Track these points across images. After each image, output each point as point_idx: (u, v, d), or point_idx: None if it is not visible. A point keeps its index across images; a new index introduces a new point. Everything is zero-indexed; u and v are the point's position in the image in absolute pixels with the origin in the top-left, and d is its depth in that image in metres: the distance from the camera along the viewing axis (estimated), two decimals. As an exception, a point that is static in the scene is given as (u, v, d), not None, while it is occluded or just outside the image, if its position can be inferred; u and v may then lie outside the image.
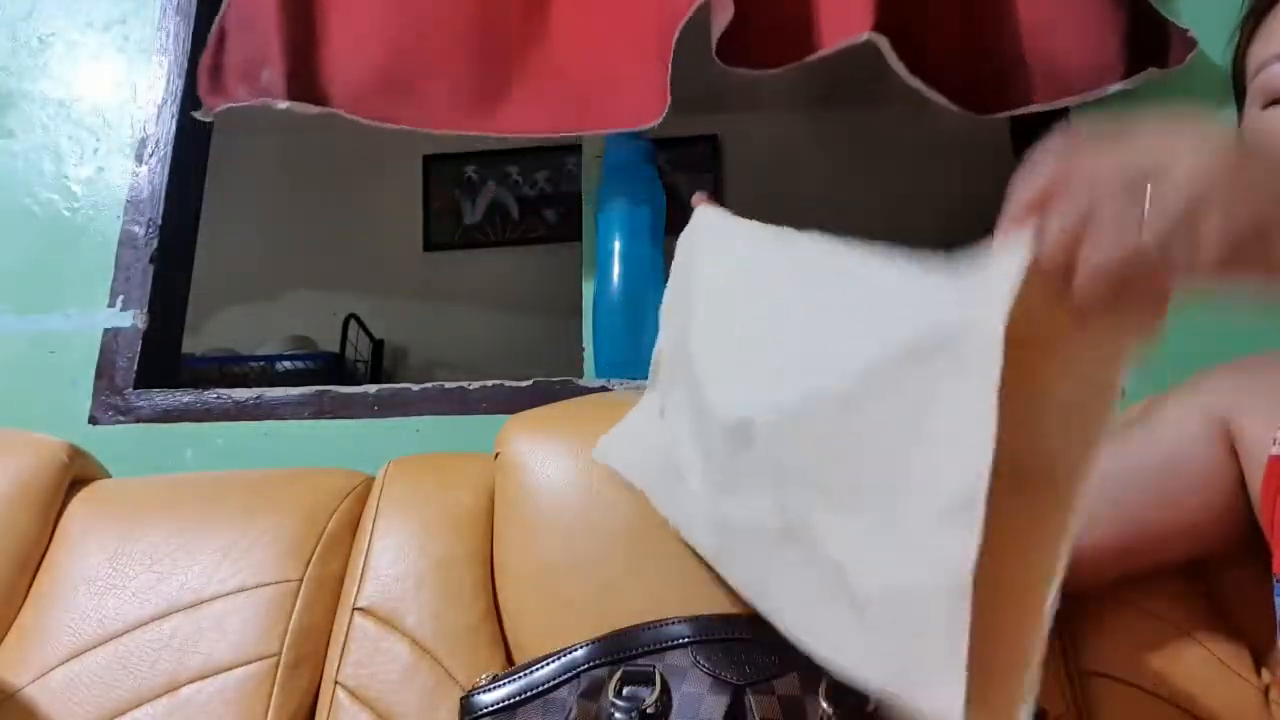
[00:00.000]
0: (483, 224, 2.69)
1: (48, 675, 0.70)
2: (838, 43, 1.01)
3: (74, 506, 0.81)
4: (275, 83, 1.11)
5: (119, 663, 0.70)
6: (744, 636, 0.57)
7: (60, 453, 0.83)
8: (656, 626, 0.59)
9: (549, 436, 0.78)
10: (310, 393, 1.06)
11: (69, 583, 0.75)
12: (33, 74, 1.26)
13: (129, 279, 1.13)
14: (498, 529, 0.77)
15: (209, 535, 0.76)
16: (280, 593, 0.73)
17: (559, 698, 0.57)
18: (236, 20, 1.17)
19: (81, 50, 1.26)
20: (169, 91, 1.23)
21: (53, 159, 1.21)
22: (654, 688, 0.54)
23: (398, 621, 0.71)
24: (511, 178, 2.72)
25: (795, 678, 0.55)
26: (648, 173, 1.14)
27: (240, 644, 0.70)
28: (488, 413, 1.03)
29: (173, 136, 1.20)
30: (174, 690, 0.68)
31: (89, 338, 1.11)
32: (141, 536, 0.77)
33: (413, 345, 2.62)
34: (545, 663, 0.58)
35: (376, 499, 0.79)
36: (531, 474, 0.76)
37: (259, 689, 0.69)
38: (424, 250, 2.69)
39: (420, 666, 0.69)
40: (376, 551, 0.75)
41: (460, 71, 1.11)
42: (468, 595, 0.73)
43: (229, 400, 1.06)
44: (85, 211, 1.17)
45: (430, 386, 1.05)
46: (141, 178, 1.18)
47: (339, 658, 0.71)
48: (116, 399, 1.07)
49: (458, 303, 2.61)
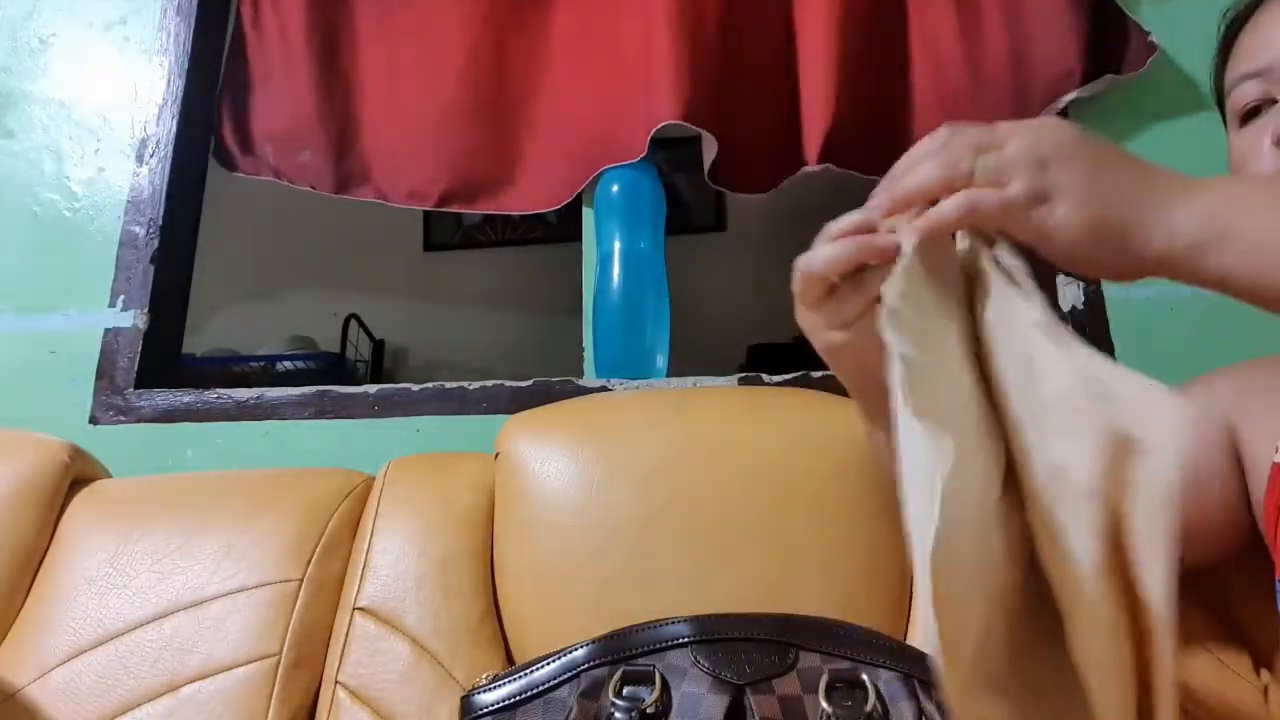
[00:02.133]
0: (483, 224, 2.69)
1: (48, 675, 0.70)
2: (787, 178, 1.14)
3: (74, 506, 0.81)
4: (319, 169, 1.20)
5: (119, 662, 0.70)
6: (744, 636, 0.57)
7: (61, 453, 0.83)
8: (656, 626, 0.59)
9: (549, 436, 0.78)
10: (310, 393, 1.06)
11: (69, 582, 0.75)
12: (33, 74, 1.26)
13: (129, 279, 1.13)
14: (498, 529, 0.77)
15: (209, 535, 0.77)
16: (280, 593, 0.73)
17: (559, 697, 0.57)
18: (261, 76, 1.25)
19: (82, 51, 1.26)
20: (169, 92, 1.23)
21: (53, 159, 1.21)
22: (654, 687, 0.54)
23: (398, 621, 0.71)
24: (512, 178, 2.72)
25: (795, 677, 0.55)
26: (648, 173, 1.14)
27: (240, 644, 0.70)
28: (488, 413, 1.03)
29: (173, 137, 1.20)
30: (174, 690, 0.68)
31: (89, 338, 1.11)
32: (142, 536, 0.77)
33: (413, 345, 2.62)
34: (545, 662, 0.58)
35: (377, 499, 0.79)
36: (531, 474, 0.76)
37: (259, 689, 0.69)
38: (424, 250, 2.69)
39: (420, 666, 0.69)
40: (376, 551, 0.75)
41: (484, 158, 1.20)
42: (468, 595, 0.73)
43: (229, 400, 1.06)
44: (86, 212, 1.18)
45: (430, 386, 1.05)
46: (142, 178, 1.18)
47: (339, 657, 0.71)
48: (117, 399, 1.07)
49: (458, 303, 2.61)
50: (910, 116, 1.14)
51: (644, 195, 1.13)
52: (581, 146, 1.16)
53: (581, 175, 1.15)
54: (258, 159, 1.22)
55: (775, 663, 0.56)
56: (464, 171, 1.19)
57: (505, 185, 1.19)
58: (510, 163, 1.19)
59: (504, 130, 1.19)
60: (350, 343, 2.40)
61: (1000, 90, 1.09)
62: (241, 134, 1.23)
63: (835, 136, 1.09)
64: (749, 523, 0.71)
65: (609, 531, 0.72)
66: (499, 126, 1.19)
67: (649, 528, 0.71)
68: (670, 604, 0.66)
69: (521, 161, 1.19)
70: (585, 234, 1.17)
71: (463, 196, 1.19)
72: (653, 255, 1.10)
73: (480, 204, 1.20)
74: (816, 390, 0.92)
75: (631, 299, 1.07)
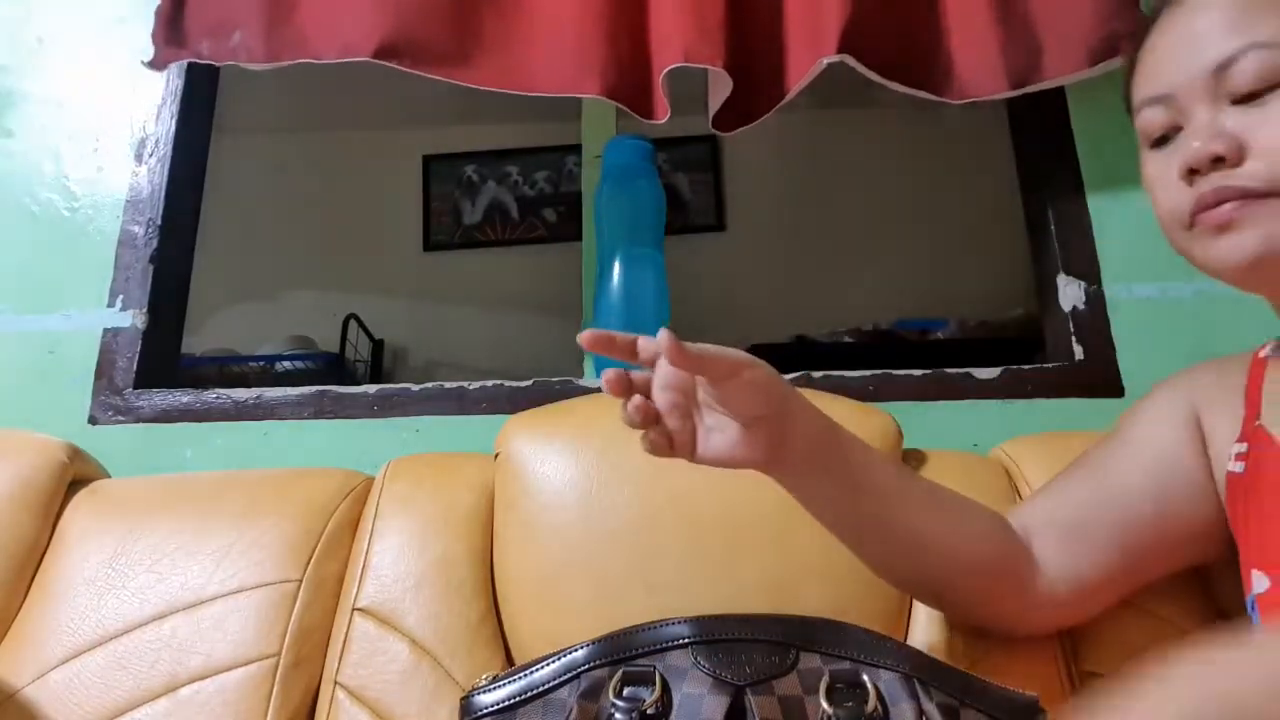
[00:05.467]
0: (482, 224, 2.69)
1: (47, 675, 0.69)
2: (806, 75, 1.03)
3: (74, 506, 0.81)
4: (250, 46, 1.10)
5: (118, 663, 0.70)
6: (744, 636, 0.57)
7: (60, 453, 0.83)
8: (656, 627, 0.58)
9: (549, 436, 0.78)
10: (310, 393, 1.06)
11: (68, 583, 0.75)
12: (33, 74, 1.25)
13: (129, 279, 1.13)
14: (497, 529, 0.77)
15: (209, 535, 0.76)
16: (280, 593, 0.73)
17: (559, 698, 0.56)
18: None
19: (81, 50, 1.26)
20: (169, 91, 1.23)
21: (52, 159, 1.21)
22: (654, 688, 0.54)
23: (398, 621, 0.71)
24: (511, 178, 2.72)
25: (796, 678, 0.55)
26: (648, 173, 1.14)
27: (240, 644, 0.70)
28: (488, 413, 1.03)
29: (172, 136, 1.20)
30: (173, 690, 0.68)
31: (89, 338, 1.11)
32: (141, 536, 0.77)
33: (413, 345, 2.61)
34: (545, 663, 0.58)
35: (376, 499, 0.79)
36: (531, 474, 0.76)
37: (259, 689, 0.69)
38: (424, 250, 2.69)
39: (420, 666, 0.69)
40: (376, 552, 0.75)
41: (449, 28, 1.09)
42: (467, 595, 0.73)
43: (229, 400, 1.06)
44: (85, 211, 1.17)
45: (430, 386, 1.05)
46: (141, 177, 1.18)
47: (339, 658, 0.71)
48: (116, 399, 1.07)
49: (458, 303, 2.61)
50: (941, 14, 1.07)
51: (644, 195, 1.12)
52: (572, 50, 1.07)
53: (565, 84, 1.07)
54: (182, 50, 1.14)
55: (776, 664, 0.55)
56: (408, 28, 1.07)
57: (464, 55, 1.08)
58: (473, 33, 1.09)
59: None
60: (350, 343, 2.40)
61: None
62: (176, 32, 1.15)
63: (855, 26, 1.00)
64: (749, 523, 0.71)
65: (609, 531, 0.71)
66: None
67: (649, 528, 0.71)
68: (670, 604, 0.65)
69: (480, 36, 1.09)
70: (585, 234, 1.17)
71: (407, 54, 1.07)
72: (653, 255, 1.10)
73: (428, 67, 1.07)
74: (816, 390, 0.91)
75: (631, 299, 1.07)
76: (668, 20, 1.07)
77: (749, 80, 1.07)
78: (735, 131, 1.09)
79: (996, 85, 1.03)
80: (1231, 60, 0.52)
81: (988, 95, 1.04)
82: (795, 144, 2.51)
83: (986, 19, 1.05)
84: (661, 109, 1.07)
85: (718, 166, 2.64)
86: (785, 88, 1.06)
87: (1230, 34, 0.52)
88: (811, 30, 1.04)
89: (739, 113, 1.08)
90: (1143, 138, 0.59)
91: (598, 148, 1.20)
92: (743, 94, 1.07)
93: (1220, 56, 0.52)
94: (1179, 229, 0.56)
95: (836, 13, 1.00)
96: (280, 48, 1.10)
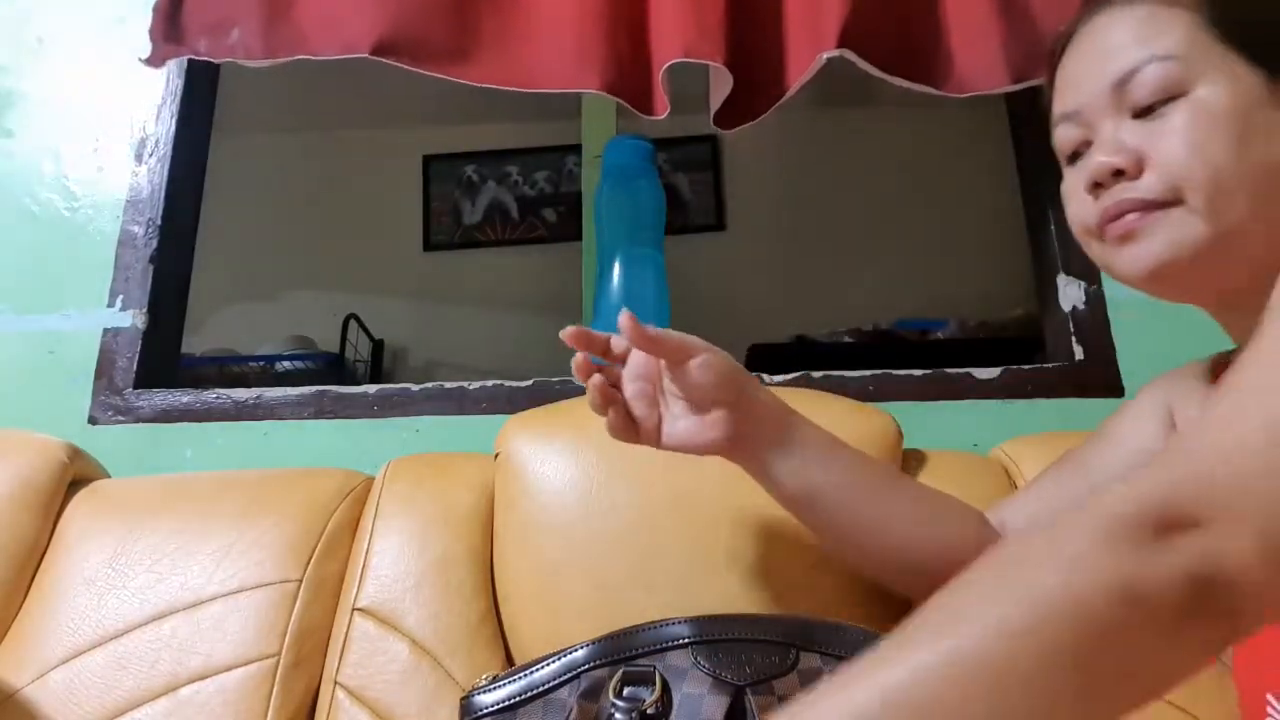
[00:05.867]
0: (482, 224, 2.69)
1: (47, 675, 0.69)
2: (806, 71, 1.03)
3: (74, 506, 0.81)
4: (248, 43, 1.09)
5: (118, 663, 0.70)
6: (744, 637, 0.57)
7: (60, 453, 0.83)
8: (656, 627, 0.58)
9: (549, 436, 0.78)
10: (310, 393, 1.06)
11: (68, 583, 0.75)
12: (33, 74, 1.26)
13: (129, 279, 1.13)
14: (497, 529, 0.77)
15: (209, 535, 0.76)
16: (280, 593, 0.73)
17: (559, 698, 0.57)
18: None
19: (81, 50, 1.26)
20: (168, 91, 1.23)
21: (52, 159, 1.21)
22: (654, 688, 0.54)
23: (398, 621, 0.71)
24: (511, 178, 2.72)
25: (796, 678, 0.55)
26: (648, 172, 1.14)
27: (240, 644, 0.70)
28: (488, 413, 1.03)
29: (172, 136, 1.20)
30: (173, 690, 0.68)
31: (88, 338, 1.11)
32: (141, 537, 0.77)
33: (413, 345, 2.61)
34: (545, 663, 0.58)
35: (376, 499, 0.79)
36: (531, 474, 0.76)
37: (259, 689, 0.69)
38: (424, 250, 2.69)
39: (420, 666, 0.69)
40: (376, 552, 0.75)
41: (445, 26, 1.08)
42: (467, 595, 0.73)
43: (229, 400, 1.06)
44: (85, 211, 1.17)
45: (430, 386, 1.05)
46: (141, 177, 1.18)
47: (339, 658, 0.71)
48: (116, 399, 1.07)
49: (458, 303, 2.61)
50: (941, 8, 1.07)
51: (644, 195, 1.12)
52: (568, 48, 1.07)
53: (564, 80, 1.07)
54: (180, 47, 1.13)
55: (776, 664, 0.56)
56: (406, 25, 1.06)
57: (463, 52, 1.07)
58: (472, 30, 1.08)
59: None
60: (350, 342, 2.40)
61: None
62: (174, 29, 1.14)
63: (855, 20, 1.00)
64: (749, 523, 0.71)
65: (609, 532, 0.71)
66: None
67: (649, 528, 0.71)
68: (670, 604, 0.65)
69: (479, 32, 1.08)
70: (585, 234, 1.17)
71: (405, 51, 1.06)
72: (653, 255, 1.10)
73: (427, 64, 1.07)
74: (816, 390, 0.92)
75: (631, 299, 1.07)
76: (668, 16, 1.07)
77: (750, 77, 1.07)
78: (736, 129, 1.09)
79: (997, 79, 1.03)
80: (1131, 74, 0.53)
81: (989, 89, 1.04)
82: (795, 144, 2.51)
83: (987, 13, 1.05)
84: (661, 105, 1.07)
85: (718, 166, 2.64)
86: (786, 84, 1.06)
87: (1132, 48, 0.53)
88: (811, 25, 1.04)
89: (740, 110, 1.08)
90: (1059, 155, 0.60)
91: (598, 147, 1.20)
92: (743, 91, 1.07)
93: (1120, 71, 0.53)
94: (1091, 240, 0.57)
95: (836, 7, 1.01)
96: (278, 44, 1.10)
